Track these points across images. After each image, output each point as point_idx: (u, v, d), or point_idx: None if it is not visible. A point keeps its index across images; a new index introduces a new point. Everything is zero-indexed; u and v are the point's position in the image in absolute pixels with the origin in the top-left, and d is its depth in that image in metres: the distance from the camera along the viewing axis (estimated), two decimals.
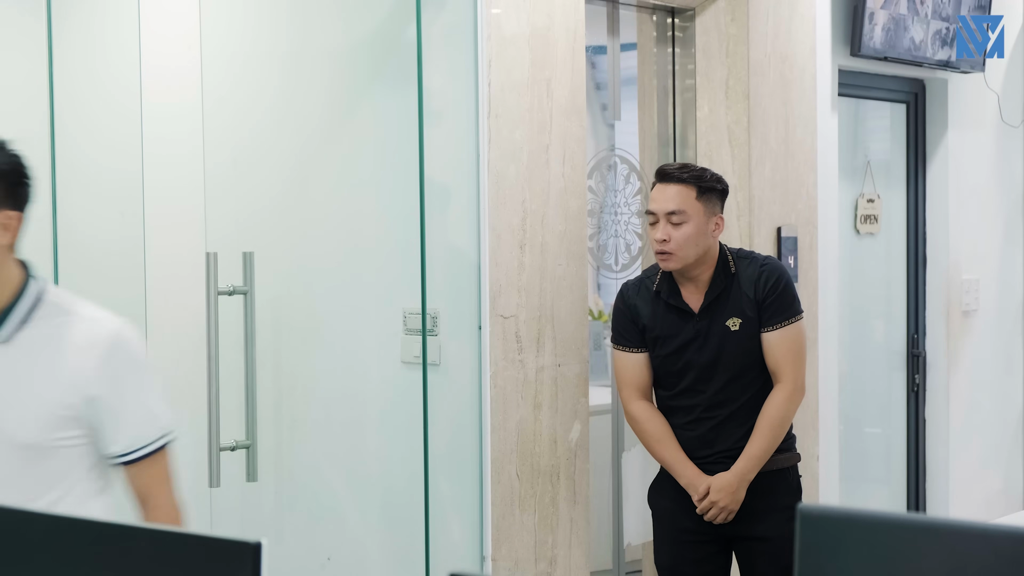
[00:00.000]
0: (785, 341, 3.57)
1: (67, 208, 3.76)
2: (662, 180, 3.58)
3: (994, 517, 5.15)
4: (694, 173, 3.57)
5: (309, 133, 4.00)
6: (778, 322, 3.57)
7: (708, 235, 3.55)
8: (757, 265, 3.59)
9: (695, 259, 3.54)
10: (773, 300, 3.55)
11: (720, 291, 3.56)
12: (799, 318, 3.61)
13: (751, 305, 3.55)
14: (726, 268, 3.59)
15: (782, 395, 3.57)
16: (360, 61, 3.95)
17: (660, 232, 3.52)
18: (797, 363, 3.59)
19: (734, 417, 3.57)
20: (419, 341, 3.62)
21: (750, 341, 3.56)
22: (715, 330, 3.55)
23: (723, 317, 3.56)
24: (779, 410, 3.56)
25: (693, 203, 3.53)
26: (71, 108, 3.76)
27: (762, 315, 3.56)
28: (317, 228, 3.97)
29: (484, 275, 3.64)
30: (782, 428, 3.58)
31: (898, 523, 1.75)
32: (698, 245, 3.53)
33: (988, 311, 5.77)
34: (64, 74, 3.72)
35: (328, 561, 3.92)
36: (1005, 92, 5.79)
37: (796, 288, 3.66)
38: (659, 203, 3.55)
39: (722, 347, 3.55)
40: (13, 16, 3.96)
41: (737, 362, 3.56)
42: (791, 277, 3.65)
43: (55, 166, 3.73)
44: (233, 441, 3.55)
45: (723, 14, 4.48)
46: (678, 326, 3.59)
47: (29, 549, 1.84)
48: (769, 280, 3.56)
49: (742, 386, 3.57)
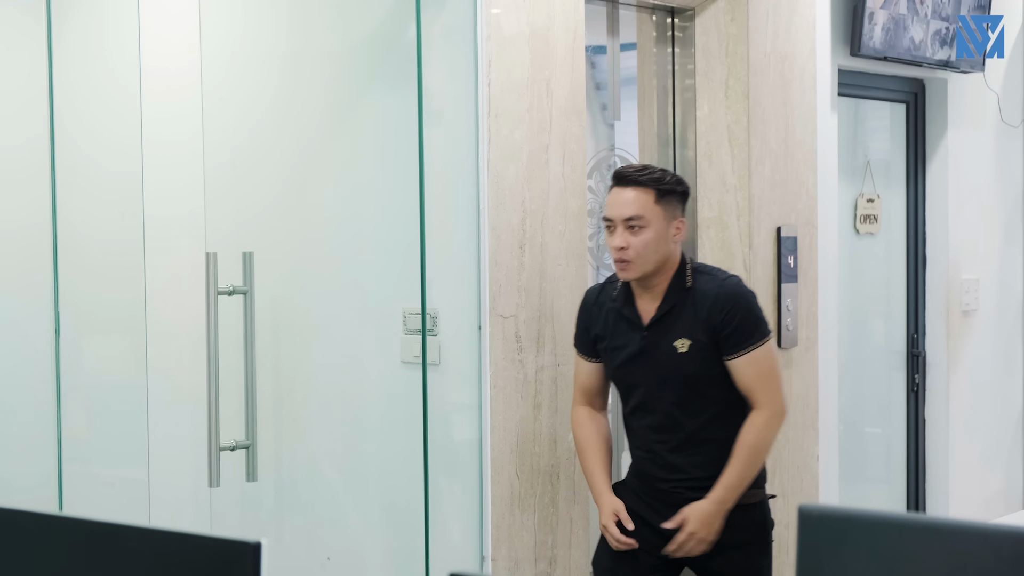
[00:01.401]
0: (754, 366, 3.33)
1: (67, 208, 3.77)
2: (619, 184, 3.38)
3: (994, 517, 5.15)
4: (653, 175, 3.36)
5: (309, 133, 4.00)
6: (742, 349, 3.33)
7: (669, 241, 3.36)
8: (716, 285, 3.35)
9: (655, 267, 3.35)
10: (735, 328, 3.32)
11: (673, 305, 3.35)
12: (766, 340, 3.37)
13: (704, 329, 3.32)
14: (682, 281, 3.37)
15: (760, 420, 3.35)
16: (360, 61, 3.95)
17: (618, 239, 3.33)
18: (771, 386, 3.36)
19: (690, 444, 3.36)
20: (419, 341, 3.62)
21: (700, 365, 3.33)
22: (662, 348, 3.35)
23: (671, 336, 3.34)
24: (756, 436, 3.34)
25: (652, 207, 3.33)
26: (71, 109, 3.76)
27: (723, 344, 3.32)
28: (317, 228, 3.97)
29: (484, 275, 3.64)
30: (760, 455, 3.37)
31: (898, 523, 1.75)
32: (658, 252, 3.34)
33: (988, 311, 5.77)
34: (64, 75, 3.72)
35: (328, 561, 3.92)
36: (1005, 92, 5.79)
37: (760, 307, 3.42)
38: (616, 208, 3.36)
39: (668, 368, 3.34)
40: (13, 16, 3.96)
41: (685, 387, 3.34)
42: (752, 297, 3.41)
43: (55, 166, 3.73)
44: (233, 441, 3.55)
45: (723, 14, 4.48)
46: (627, 337, 3.40)
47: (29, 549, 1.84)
48: (726, 307, 3.32)
49: (692, 412, 3.36)
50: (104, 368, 4.02)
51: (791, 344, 4.64)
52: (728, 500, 3.33)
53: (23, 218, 3.86)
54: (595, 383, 3.51)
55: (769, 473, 4.56)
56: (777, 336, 4.59)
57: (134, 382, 3.83)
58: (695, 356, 3.32)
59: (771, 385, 3.36)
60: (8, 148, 3.87)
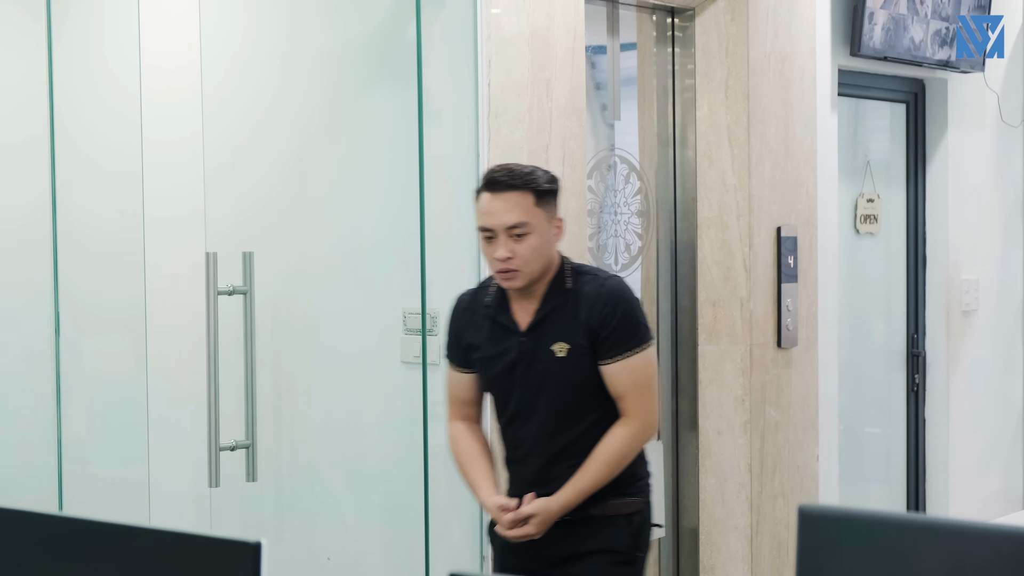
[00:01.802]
0: (628, 373, 3.11)
1: (67, 208, 3.76)
2: (493, 189, 3.10)
3: (994, 517, 5.15)
4: (529, 177, 3.11)
5: (309, 133, 4.00)
6: (619, 353, 3.10)
7: (549, 245, 3.13)
8: (596, 286, 3.14)
9: (539, 273, 3.12)
10: (612, 330, 3.10)
11: (552, 309, 3.13)
12: (646, 346, 3.15)
13: (584, 331, 3.10)
14: (562, 283, 3.15)
15: (627, 431, 3.12)
16: (360, 61, 3.95)
17: (501, 250, 3.06)
18: (644, 396, 3.14)
19: (565, 456, 3.13)
20: (419, 341, 3.62)
21: (580, 371, 3.12)
22: (540, 354, 3.12)
23: (550, 340, 3.12)
24: (619, 445, 3.11)
25: (533, 211, 3.09)
26: (71, 108, 3.76)
27: (600, 347, 3.11)
28: (317, 228, 3.98)
29: (484, 275, 3.64)
30: (618, 465, 3.13)
31: (898, 523, 1.75)
32: (543, 257, 3.12)
33: (988, 311, 5.77)
34: (64, 74, 3.72)
35: (328, 561, 3.92)
36: (1005, 92, 5.79)
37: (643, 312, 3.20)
38: (496, 217, 3.08)
39: (547, 374, 3.12)
40: (13, 16, 3.96)
41: (564, 393, 3.13)
42: (635, 300, 3.20)
43: (55, 166, 3.73)
44: (233, 441, 3.55)
45: (723, 14, 4.48)
46: (503, 345, 3.16)
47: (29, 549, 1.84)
48: (606, 307, 3.11)
49: (571, 422, 3.14)
50: (104, 368, 4.02)
51: (791, 344, 4.65)
52: (572, 503, 3.10)
53: (23, 218, 3.86)
54: (469, 395, 3.26)
55: (769, 473, 4.58)
56: (777, 336, 4.60)
57: (134, 382, 3.83)
58: (574, 361, 3.12)
59: (645, 395, 3.15)
60: (8, 147, 3.87)
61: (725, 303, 4.53)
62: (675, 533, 4.64)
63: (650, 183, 4.50)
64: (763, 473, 4.55)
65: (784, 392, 4.64)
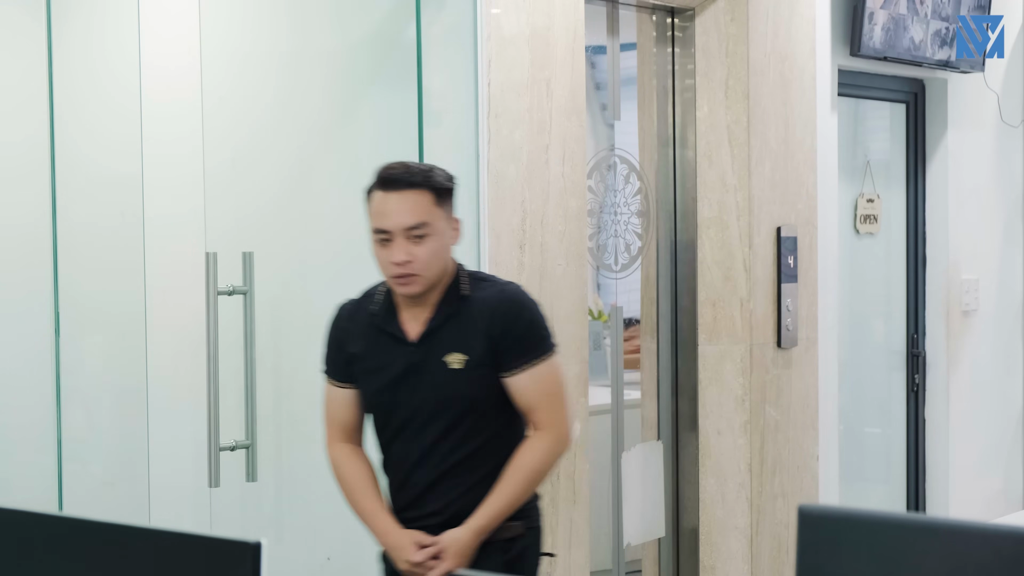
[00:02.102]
0: (537, 383, 2.88)
1: (67, 207, 3.76)
2: (390, 188, 2.89)
3: (994, 517, 5.15)
4: (427, 174, 2.91)
5: (309, 133, 4.00)
6: (525, 362, 2.87)
7: (448, 248, 2.94)
8: (496, 291, 2.92)
9: (438, 278, 2.90)
10: (517, 339, 2.88)
11: (447, 318, 2.89)
12: (551, 354, 2.93)
13: (482, 340, 2.87)
14: (457, 290, 2.92)
15: (542, 444, 2.88)
16: (360, 61, 3.95)
17: (399, 253, 2.84)
18: (555, 407, 2.90)
19: (453, 476, 2.88)
20: None
21: (476, 384, 2.87)
22: (432, 366, 2.88)
23: (443, 351, 2.88)
24: (535, 459, 2.88)
25: (433, 211, 2.87)
26: (71, 108, 3.76)
27: (503, 357, 2.87)
28: (317, 228, 3.97)
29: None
30: (535, 481, 2.90)
31: (898, 523, 1.75)
32: (443, 260, 2.91)
33: (988, 311, 5.77)
34: (64, 74, 3.72)
35: (328, 561, 3.92)
36: (1005, 92, 5.79)
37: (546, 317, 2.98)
38: (393, 218, 2.86)
39: (438, 388, 2.88)
40: (13, 16, 3.96)
41: (457, 408, 2.88)
42: (537, 307, 2.97)
43: (55, 166, 3.73)
44: (233, 441, 3.55)
45: (723, 14, 4.48)
46: (390, 357, 2.92)
47: (29, 549, 1.84)
48: (509, 315, 2.89)
49: (463, 440, 2.89)
50: (104, 368, 4.02)
51: (791, 344, 4.65)
52: (487, 529, 2.86)
53: (23, 217, 3.86)
54: (350, 413, 3.02)
55: (769, 473, 4.58)
56: (777, 336, 4.60)
57: (134, 382, 3.83)
58: (471, 373, 2.87)
59: (556, 405, 2.91)
60: (8, 147, 3.86)
61: (725, 303, 4.53)
62: (675, 533, 4.64)
63: (650, 183, 4.50)
64: (763, 473, 4.55)
65: (784, 392, 4.64)
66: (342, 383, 3.02)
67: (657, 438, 4.58)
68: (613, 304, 4.46)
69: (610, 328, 4.57)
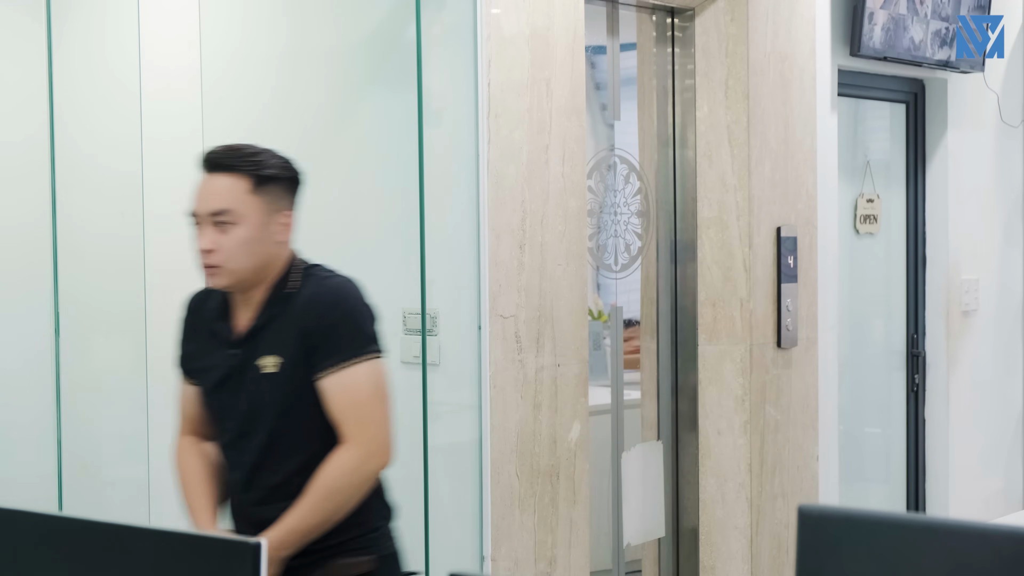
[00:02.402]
0: (345, 388, 2.60)
1: (67, 207, 3.77)
2: (206, 169, 2.67)
3: (994, 517, 5.15)
4: (250, 158, 2.65)
5: (309, 133, 4.00)
6: (334, 364, 2.59)
7: (270, 241, 2.67)
8: (316, 285, 2.67)
9: (254, 273, 2.65)
10: (326, 335, 2.61)
11: (270, 318, 2.65)
12: (368, 357, 2.62)
13: (299, 339, 2.61)
14: (284, 287, 2.68)
15: (346, 459, 2.60)
16: (359, 61, 3.95)
17: (203, 240, 2.63)
18: (368, 418, 2.61)
19: (277, 499, 2.62)
20: (419, 341, 3.62)
21: (293, 391, 2.62)
22: (248, 371, 2.65)
23: (259, 353, 2.64)
24: (336, 477, 2.60)
25: (246, 199, 2.63)
26: (71, 108, 3.76)
27: (312, 357, 2.60)
28: (316, 228, 3.97)
29: (484, 275, 3.64)
30: (335, 501, 2.60)
31: (898, 523, 1.75)
32: (256, 255, 2.64)
33: (988, 311, 5.77)
34: (64, 74, 3.72)
35: None
36: (1005, 92, 5.79)
37: (372, 318, 2.69)
38: (199, 201, 2.65)
39: (254, 395, 2.64)
40: (13, 16, 3.96)
41: (273, 418, 2.63)
42: (361, 303, 2.69)
43: (55, 166, 3.73)
44: None
45: (723, 14, 4.48)
46: (213, 358, 2.71)
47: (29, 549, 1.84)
48: (321, 308, 2.62)
49: (282, 456, 2.64)
50: (104, 368, 4.02)
51: (791, 344, 4.65)
52: (282, 547, 2.57)
53: (23, 217, 3.86)
54: (195, 410, 2.80)
55: (769, 473, 4.58)
56: (777, 336, 4.60)
57: (134, 382, 3.83)
58: (286, 378, 2.62)
59: (368, 416, 2.61)
60: (8, 147, 3.87)
61: (725, 303, 4.53)
62: (675, 533, 4.64)
63: (650, 183, 4.50)
64: (763, 473, 4.55)
65: (784, 392, 4.64)
66: (188, 379, 2.83)
67: (657, 438, 4.58)
68: (613, 304, 4.46)
69: (610, 328, 4.57)
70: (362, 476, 2.63)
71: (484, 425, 3.65)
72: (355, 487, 2.63)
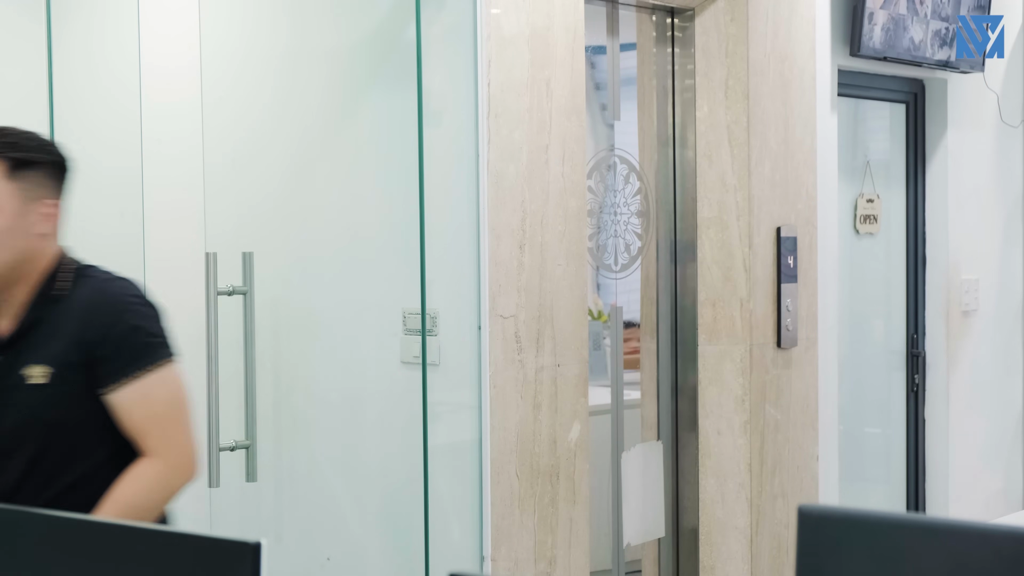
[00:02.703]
0: (143, 400, 2.42)
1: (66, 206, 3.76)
2: None
3: (994, 517, 5.15)
4: (2, 139, 2.48)
5: (309, 133, 4.01)
6: (127, 375, 2.41)
7: (26, 233, 2.45)
8: (93, 289, 2.47)
9: (8, 268, 2.43)
10: (116, 346, 2.41)
11: (34, 322, 2.43)
12: (163, 364, 2.46)
13: (76, 350, 2.40)
14: (51, 288, 2.46)
15: (148, 473, 2.43)
16: (359, 61, 3.95)
17: None
18: (170, 429, 2.44)
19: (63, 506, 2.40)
20: (419, 341, 3.62)
21: (64, 403, 2.41)
22: (12, 380, 2.41)
23: (24, 362, 2.41)
24: (137, 491, 2.42)
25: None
26: (71, 107, 3.76)
27: (100, 369, 2.40)
28: (316, 228, 3.98)
29: (483, 275, 3.64)
30: (137, 516, 2.41)
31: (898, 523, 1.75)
32: (9, 248, 2.42)
33: (988, 311, 5.77)
34: (64, 74, 3.72)
35: (328, 561, 3.92)
36: (1005, 92, 5.79)
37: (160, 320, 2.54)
38: None
39: (17, 408, 2.41)
40: (13, 16, 3.96)
41: (41, 433, 2.41)
42: (146, 306, 2.52)
43: None
44: (233, 441, 3.55)
45: (723, 14, 4.48)
46: None
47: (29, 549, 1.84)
48: (107, 316, 2.42)
49: (50, 474, 2.43)
50: None
51: (791, 344, 4.64)
52: None
53: None
54: None
55: (769, 473, 4.58)
56: (777, 336, 4.59)
57: None
58: (57, 389, 2.40)
59: (170, 427, 2.45)
60: None
61: (725, 303, 4.53)
62: (675, 533, 4.64)
63: (650, 183, 4.50)
64: (763, 473, 4.55)
65: (784, 392, 4.64)
66: None
67: (657, 438, 4.58)
68: (613, 304, 4.46)
69: (610, 328, 4.57)
70: (167, 493, 2.49)
71: (484, 425, 3.65)
72: (158, 504, 2.49)
